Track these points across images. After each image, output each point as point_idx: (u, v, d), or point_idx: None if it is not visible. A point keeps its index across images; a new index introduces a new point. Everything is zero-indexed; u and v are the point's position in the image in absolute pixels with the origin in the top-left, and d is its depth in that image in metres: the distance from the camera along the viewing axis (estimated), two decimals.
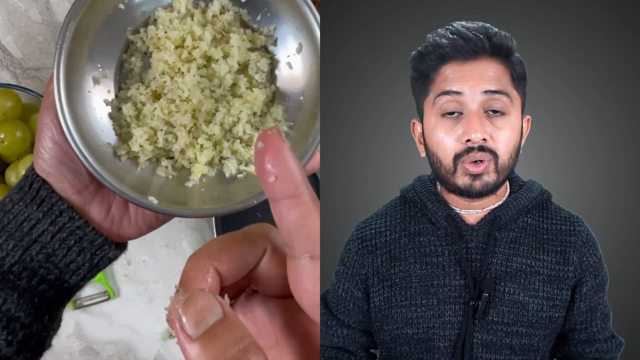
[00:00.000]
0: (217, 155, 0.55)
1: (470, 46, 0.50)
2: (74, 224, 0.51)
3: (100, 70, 0.54)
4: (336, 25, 0.70)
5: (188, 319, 0.29)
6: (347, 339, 0.56)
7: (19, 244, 0.50)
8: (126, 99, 0.54)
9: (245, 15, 0.55)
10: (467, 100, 0.50)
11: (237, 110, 0.54)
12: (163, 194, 0.52)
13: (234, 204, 0.51)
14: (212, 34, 0.54)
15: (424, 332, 0.51)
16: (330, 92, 0.68)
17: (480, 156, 0.50)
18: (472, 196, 0.52)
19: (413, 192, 0.55)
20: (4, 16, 0.82)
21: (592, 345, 0.54)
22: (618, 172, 0.71)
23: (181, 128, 0.54)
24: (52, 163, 0.50)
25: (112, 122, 0.54)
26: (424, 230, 0.54)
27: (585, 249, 0.53)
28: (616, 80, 0.70)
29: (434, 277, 0.52)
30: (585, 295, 0.53)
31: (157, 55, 0.54)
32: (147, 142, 0.53)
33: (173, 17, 0.54)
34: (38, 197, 0.50)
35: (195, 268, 0.32)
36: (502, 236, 0.53)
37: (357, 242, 0.56)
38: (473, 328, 0.51)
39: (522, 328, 0.51)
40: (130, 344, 0.86)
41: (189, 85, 0.53)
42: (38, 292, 0.50)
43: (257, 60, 0.55)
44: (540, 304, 0.52)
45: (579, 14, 0.69)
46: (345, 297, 0.56)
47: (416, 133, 0.55)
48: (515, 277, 0.52)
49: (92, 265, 0.52)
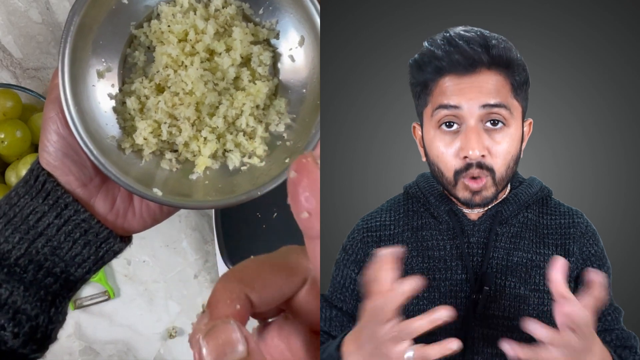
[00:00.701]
0: (220, 147, 0.55)
1: (468, 61, 0.49)
2: (79, 217, 0.51)
3: (104, 64, 0.54)
4: (336, 25, 0.70)
5: (208, 352, 0.27)
6: (334, 322, 0.55)
7: (25, 237, 0.50)
8: (130, 93, 0.55)
9: (248, 9, 0.56)
10: (465, 114, 0.50)
11: (240, 103, 0.54)
12: (167, 186, 0.53)
13: (237, 195, 0.52)
14: (214, 28, 0.54)
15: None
16: (330, 91, 0.68)
17: (478, 173, 0.50)
18: (472, 208, 0.52)
19: (416, 188, 0.56)
20: (4, 16, 0.82)
21: (612, 333, 0.53)
22: (618, 172, 0.71)
23: (185, 121, 0.54)
24: (57, 156, 0.51)
25: (116, 115, 0.54)
26: (427, 225, 0.54)
27: (584, 239, 0.53)
28: (616, 80, 0.70)
29: (436, 270, 0.52)
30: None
31: (161, 49, 0.54)
32: (151, 135, 0.54)
33: (176, 11, 0.55)
34: (43, 190, 0.50)
35: (224, 291, 0.30)
36: (503, 231, 0.53)
37: (363, 231, 0.56)
38: (474, 322, 0.51)
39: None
40: (130, 344, 0.86)
41: (193, 78, 0.53)
42: (44, 285, 0.50)
43: (259, 53, 0.55)
44: (541, 298, 0.51)
45: (579, 14, 0.68)
46: (343, 283, 0.56)
47: (417, 136, 0.55)
48: (516, 271, 0.52)
49: (97, 258, 0.52)
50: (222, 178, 0.55)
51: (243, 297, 0.29)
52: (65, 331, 0.84)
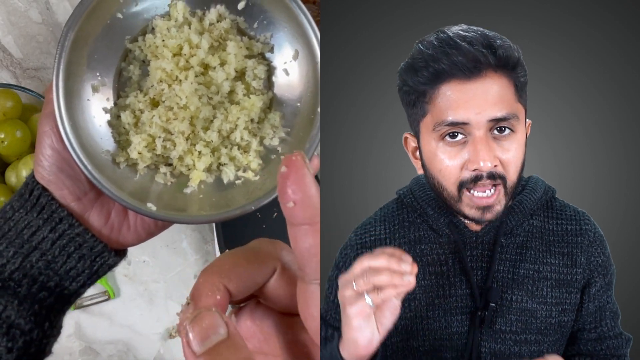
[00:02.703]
0: (215, 161, 0.55)
1: (473, 63, 0.45)
2: (74, 231, 0.51)
3: (99, 79, 0.54)
4: (336, 25, 0.69)
5: (194, 336, 0.30)
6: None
7: (20, 251, 0.50)
8: (125, 107, 0.55)
9: (242, 22, 0.56)
10: (472, 128, 0.46)
11: (235, 117, 0.54)
12: (162, 200, 0.53)
13: (232, 209, 0.52)
14: (209, 42, 0.54)
15: (430, 343, 0.50)
16: (330, 92, 0.68)
17: (490, 183, 0.46)
18: (481, 224, 0.49)
19: (411, 196, 0.53)
20: (4, 16, 0.82)
21: (603, 343, 0.52)
22: (618, 172, 0.71)
23: (179, 135, 0.54)
24: (52, 170, 0.51)
25: (111, 129, 0.54)
26: (425, 238, 0.51)
27: (592, 248, 0.51)
28: (616, 80, 0.70)
29: (439, 287, 0.50)
30: (594, 296, 0.52)
31: (155, 63, 0.54)
32: (145, 149, 0.54)
33: (171, 25, 0.55)
34: (38, 204, 0.51)
35: (206, 284, 0.33)
36: (508, 242, 0.50)
37: (356, 248, 0.54)
38: (480, 337, 0.49)
39: (531, 336, 0.50)
40: (130, 344, 0.86)
41: (187, 92, 0.53)
42: (38, 299, 0.50)
43: (254, 67, 0.55)
44: (549, 310, 0.50)
45: (579, 14, 0.68)
46: (337, 302, 0.55)
47: (409, 147, 0.51)
48: (523, 284, 0.50)
49: (92, 272, 0.53)
50: (216, 192, 0.55)
51: (222, 288, 0.33)
52: (65, 331, 0.84)
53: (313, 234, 0.31)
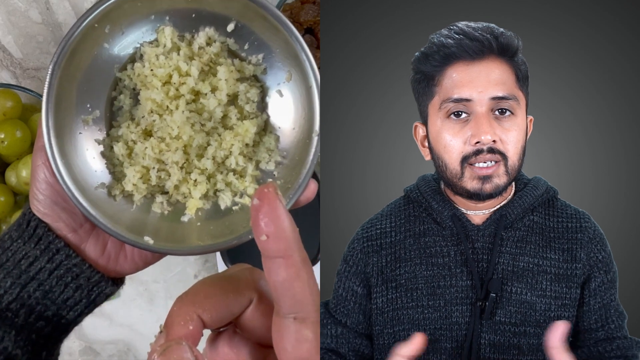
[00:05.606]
0: (211, 188, 0.54)
1: (478, 45, 0.50)
2: (71, 262, 0.51)
3: (90, 110, 0.53)
4: (336, 25, 0.70)
5: None
6: (340, 339, 0.55)
7: (17, 281, 0.50)
8: (117, 138, 0.54)
9: (233, 44, 0.55)
10: (475, 105, 0.50)
11: (229, 144, 0.53)
12: (159, 232, 0.52)
13: (229, 239, 0.51)
14: (198, 68, 0.53)
15: (431, 333, 0.51)
16: (330, 92, 0.68)
17: (490, 157, 0.50)
18: (481, 199, 0.51)
19: (417, 192, 0.55)
20: (4, 16, 0.82)
21: (612, 342, 0.53)
22: (618, 173, 0.71)
23: (173, 165, 0.53)
24: (47, 204, 0.51)
25: (105, 160, 0.54)
26: (429, 231, 0.53)
27: (592, 244, 0.53)
28: (616, 80, 0.70)
29: (440, 278, 0.52)
30: (595, 292, 0.53)
31: (145, 93, 0.53)
32: (140, 181, 0.53)
33: (159, 52, 0.54)
34: (35, 235, 0.51)
35: (179, 313, 0.33)
36: (508, 235, 0.52)
37: (362, 241, 0.55)
38: (480, 328, 0.50)
39: (529, 328, 0.51)
40: (130, 344, 0.86)
41: (178, 123, 0.52)
42: (35, 329, 0.50)
43: (246, 91, 0.54)
44: (547, 304, 0.51)
45: (579, 14, 0.68)
46: (346, 296, 0.55)
47: (418, 136, 0.55)
48: (522, 277, 0.51)
49: (89, 302, 0.53)
50: (214, 219, 0.54)
51: (195, 318, 0.33)
52: None
53: (286, 268, 0.30)
